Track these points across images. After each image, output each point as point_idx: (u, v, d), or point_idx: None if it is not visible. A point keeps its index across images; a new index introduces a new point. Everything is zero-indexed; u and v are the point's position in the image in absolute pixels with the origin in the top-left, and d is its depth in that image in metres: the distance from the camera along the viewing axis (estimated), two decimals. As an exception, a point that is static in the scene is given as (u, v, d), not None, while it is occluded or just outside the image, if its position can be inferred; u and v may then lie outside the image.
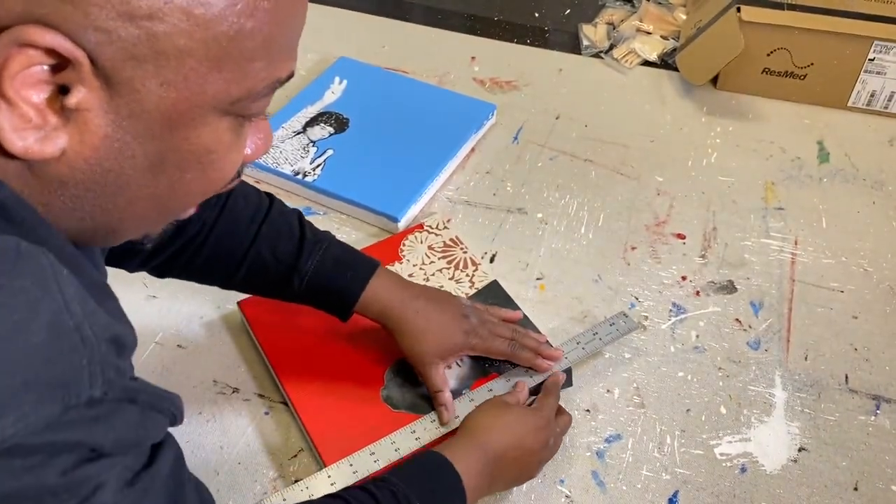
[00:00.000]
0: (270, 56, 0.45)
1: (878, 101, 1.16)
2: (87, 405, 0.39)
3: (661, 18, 1.32)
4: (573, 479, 0.76)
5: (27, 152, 0.40)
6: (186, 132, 0.44)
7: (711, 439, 0.79)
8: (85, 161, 0.42)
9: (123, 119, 0.42)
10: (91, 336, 0.39)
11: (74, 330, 0.39)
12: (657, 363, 0.85)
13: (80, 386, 0.39)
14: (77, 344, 0.39)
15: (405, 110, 1.12)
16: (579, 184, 1.06)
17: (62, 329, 0.38)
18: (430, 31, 1.34)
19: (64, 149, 0.41)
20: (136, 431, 0.44)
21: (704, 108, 1.18)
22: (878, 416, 0.81)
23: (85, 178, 0.43)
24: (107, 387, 0.40)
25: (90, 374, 0.39)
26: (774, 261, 0.96)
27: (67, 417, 0.38)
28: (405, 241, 0.95)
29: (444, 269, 0.92)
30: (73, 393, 0.38)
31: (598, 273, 0.94)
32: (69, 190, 0.44)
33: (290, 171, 1.03)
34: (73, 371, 0.38)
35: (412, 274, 0.91)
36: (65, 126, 0.41)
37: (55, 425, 0.38)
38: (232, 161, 0.49)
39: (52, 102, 0.40)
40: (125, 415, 0.42)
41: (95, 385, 0.39)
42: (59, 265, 0.40)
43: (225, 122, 0.46)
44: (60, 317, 0.38)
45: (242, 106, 0.46)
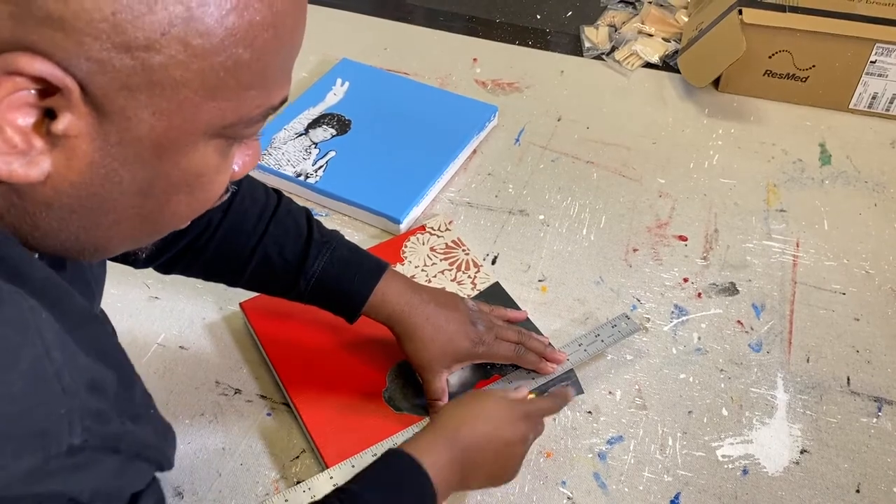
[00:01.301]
0: (266, 84, 0.44)
1: (880, 104, 1.16)
2: (68, 454, 0.38)
3: (662, 20, 1.32)
4: (575, 481, 0.76)
5: (11, 176, 0.39)
6: (176, 158, 0.43)
7: (713, 441, 0.79)
8: (70, 185, 0.41)
9: (112, 146, 0.41)
10: (70, 383, 0.38)
11: (54, 377, 0.38)
12: (659, 365, 0.85)
13: (60, 435, 0.38)
14: (57, 392, 0.38)
15: (407, 112, 1.12)
16: (581, 185, 1.06)
17: (41, 377, 0.37)
18: (432, 32, 1.34)
19: (49, 173, 0.40)
20: (117, 481, 0.43)
21: (706, 110, 1.18)
22: (879, 418, 0.81)
23: (70, 202, 0.42)
24: (87, 434, 0.39)
25: (69, 422, 0.38)
26: (776, 263, 0.96)
27: (48, 467, 0.37)
28: (407, 242, 0.95)
29: (445, 271, 0.92)
30: (52, 442, 0.37)
31: (599, 275, 0.95)
32: (54, 212, 0.43)
33: (293, 173, 1.03)
34: (53, 420, 0.37)
35: (414, 276, 0.91)
36: (50, 151, 0.40)
37: (34, 475, 0.37)
38: (220, 182, 0.48)
39: (38, 127, 0.39)
40: (106, 464, 0.41)
41: (75, 433, 0.38)
42: (38, 309, 0.39)
43: (213, 146, 0.45)
44: (40, 364, 0.37)
45: (234, 131, 0.45)
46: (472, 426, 0.67)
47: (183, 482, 0.75)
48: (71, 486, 0.39)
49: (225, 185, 0.49)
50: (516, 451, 0.69)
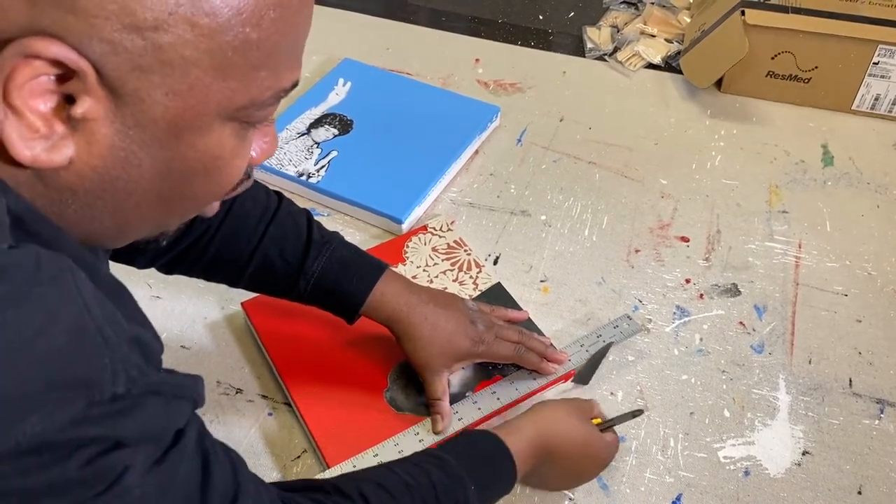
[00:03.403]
0: (275, 65, 0.45)
1: (883, 105, 1.16)
2: (111, 401, 0.39)
3: (665, 21, 1.32)
4: (576, 482, 0.76)
5: (35, 161, 0.41)
6: (192, 140, 0.44)
7: (715, 442, 0.79)
8: (92, 169, 0.43)
9: (129, 128, 0.42)
10: (112, 336, 0.40)
11: (96, 331, 0.39)
12: (661, 366, 0.85)
13: (103, 384, 0.39)
14: (99, 344, 0.39)
15: (409, 112, 1.12)
16: (583, 186, 1.06)
17: (84, 331, 0.39)
18: (435, 33, 1.34)
19: (71, 158, 0.42)
20: (161, 421, 0.44)
21: (708, 111, 1.18)
22: (881, 419, 0.81)
23: (93, 186, 0.44)
24: (130, 384, 0.40)
25: (113, 371, 0.39)
26: (778, 264, 0.96)
27: (91, 413, 0.39)
28: (409, 242, 0.95)
29: (447, 271, 0.92)
30: (96, 391, 0.39)
31: (601, 275, 0.94)
32: (79, 198, 0.44)
33: (294, 173, 1.03)
34: (96, 370, 0.39)
35: (416, 276, 0.91)
36: (72, 135, 0.41)
37: (79, 422, 0.38)
38: (237, 166, 0.49)
39: (58, 112, 0.41)
40: (149, 407, 0.42)
41: (118, 382, 0.40)
42: (77, 270, 0.40)
43: (229, 129, 0.46)
44: (81, 320, 0.39)
45: (247, 114, 0.46)
46: (564, 427, 0.71)
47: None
48: (116, 430, 0.40)
49: (242, 170, 0.50)
50: (592, 466, 0.73)
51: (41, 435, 0.37)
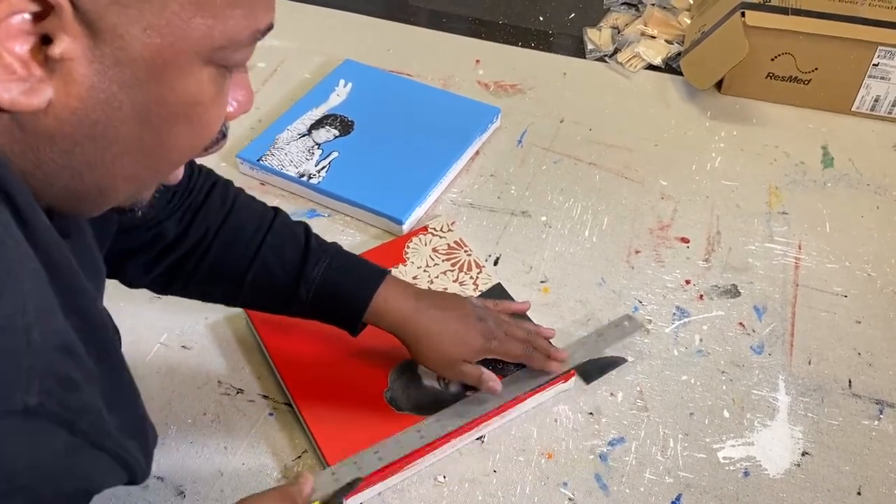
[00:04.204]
0: (251, 4, 0.45)
1: (883, 106, 1.16)
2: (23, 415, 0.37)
3: (665, 22, 1.32)
4: (576, 483, 0.76)
5: (14, 104, 0.40)
6: (172, 82, 0.44)
7: (714, 443, 0.79)
8: (72, 112, 0.42)
9: (108, 68, 0.41)
10: (38, 340, 0.38)
11: (23, 331, 0.37)
12: (660, 367, 0.85)
13: (16, 391, 0.36)
14: (22, 346, 0.37)
15: (410, 113, 1.12)
16: (583, 187, 1.06)
17: (11, 328, 0.37)
18: (435, 34, 1.34)
19: (50, 100, 0.41)
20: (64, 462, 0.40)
21: (708, 113, 1.18)
22: (881, 420, 0.81)
23: (73, 131, 0.43)
24: (44, 398, 0.37)
25: (28, 379, 0.37)
26: (778, 265, 0.96)
27: None
28: (409, 243, 0.95)
29: (448, 272, 0.92)
30: (6, 398, 0.36)
31: (601, 276, 0.95)
32: (58, 144, 0.43)
33: (295, 174, 1.03)
34: (12, 374, 0.37)
35: (416, 276, 0.91)
36: (50, 77, 0.40)
37: None
38: (216, 115, 0.48)
39: (35, 54, 0.40)
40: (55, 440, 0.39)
41: (31, 392, 0.37)
42: (28, 258, 0.39)
43: (207, 73, 0.45)
44: (14, 317, 0.37)
45: (225, 55, 0.45)
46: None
47: (185, 481, 0.76)
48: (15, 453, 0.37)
49: (221, 121, 0.49)
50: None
51: None
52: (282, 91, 1.20)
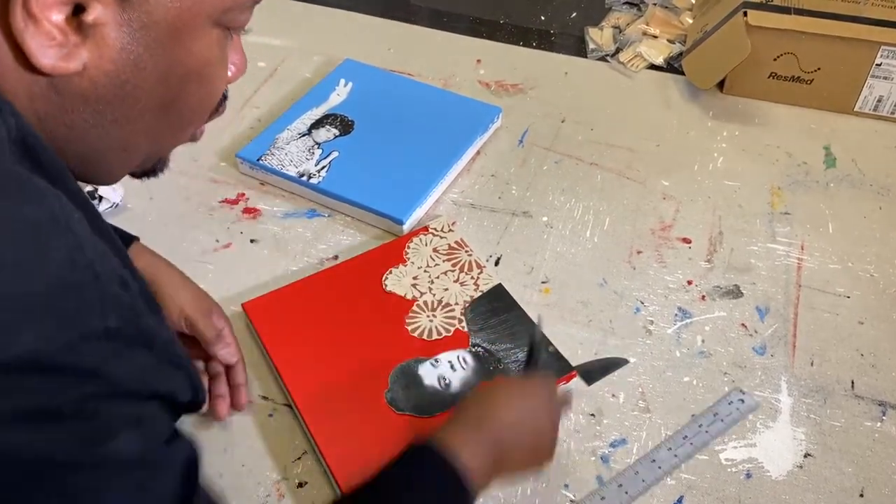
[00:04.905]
0: None
1: (886, 107, 1.16)
2: (104, 337, 0.40)
3: (667, 22, 1.32)
4: (577, 484, 0.76)
5: (54, 69, 0.44)
6: (188, 43, 0.49)
7: (716, 444, 0.79)
8: (104, 74, 0.47)
9: (136, 31, 0.46)
10: (103, 273, 0.41)
11: (87, 266, 0.41)
12: (662, 368, 0.85)
13: (94, 316, 0.40)
14: (90, 279, 0.40)
15: (410, 113, 1.12)
16: (584, 187, 1.06)
17: (76, 264, 0.40)
18: (436, 33, 1.33)
19: (85, 64, 0.45)
20: (153, 378, 0.44)
21: (710, 113, 1.18)
22: (884, 422, 0.81)
23: (105, 92, 0.47)
24: (121, 321, 0.41)
25: (103, 306, 0.41)
26: (780, 266, 0.96)
27: (84, 345, 0.39)
28: (410, 243, 0.95)
29: (448, 272, 0.92)
30: (87, 322, 0.39)
31: (603, 277, 0.94)
32: (91, 105, 0.48)
33: (295, 173, 1.03)
34: (88, 302, 0.40)
35: (417, 276, 0.91)
36: (84, 42, 0.45)
37: (72, 347, 0.39)
38: (222, 75, 0.54)
39: (70, 21, 0.44)
40: (140, 358, 0.43)
41: (109, 317, 0.41)
42: (73, 210, 0.42)
43: (215, 35, 0.51)
44: (74, 253, 0.40)
45: (231, 17, 0.51)
46: (503, 412, 0.64)
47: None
48: (108, 367, 0.40)
49: (225, 82, 0.55)
50: (550, 431, 0.68)
51: (35, 353, 0.37)
52: (282, 90, 1.20)
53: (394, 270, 0.92)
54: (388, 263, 0.92)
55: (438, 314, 0.87)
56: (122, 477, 0.41)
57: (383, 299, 0.89)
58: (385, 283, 0.90)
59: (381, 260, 0.93)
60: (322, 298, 0.88)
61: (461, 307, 0.88)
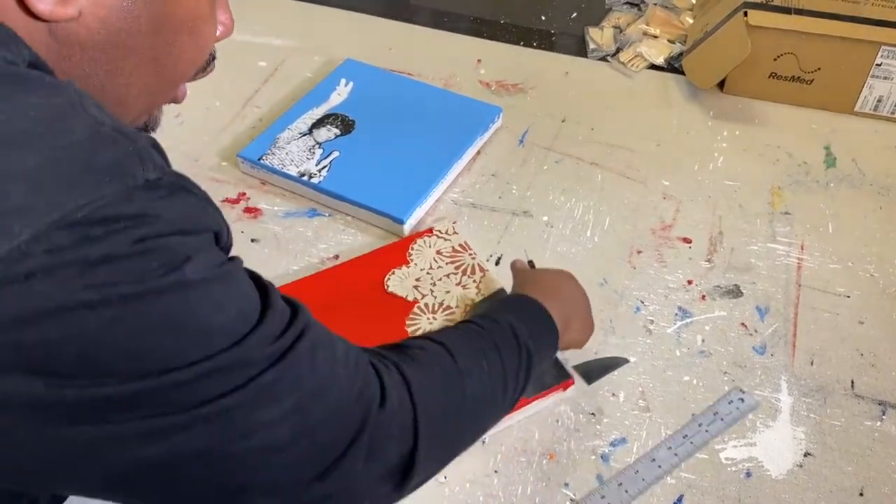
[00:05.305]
0: None
1: (886, 107, 1.16)
2: (147, 188, 0.42)
3: (667, 22, 1.32)
4: (578, 483, 0.76)
5: (52, 14, 0.46)
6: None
7: (716, 444, 0.79)
8: (100, 21, 0.48)
9: None
10: (131, 133, 0.44)
11: (112, 130, 0.43)
12: (662, 367, 0.85)
13: (134, 168, 0.42)
14: (119, 137, 0.43)
15: (411, 112, 1.12)
16: (585, 187, 1.06)
17: (101, 131, 0.43)
18: (437, 33, 1.34)
19: (81, 10, 0.47)
20: (202, 215, 0.46)
21: (711, 113, 1.18)
22: (884, 421, 0.81)
23: (100, 39, 0.49)
24: (160, 172, 0.43)
25: (140, 159, 0.42)
26: (781, 265, 0.96)
27: (132, 195, 0.41)
28: (414, 245, 0.95)
29: (451, 275, 0.92)
30: (129, 175, 0.41)
31: (603, 277, 0.94)
32: (87, 52, 0.49)
33: (296, 173, 1.03)
34: (124, 157, 0.42)
35: (419, 278, 0.91)
36: None
37: (122, 198, 0.41)
38: (211, 31, 0.56)
39: None
40: (185, 199, 0.44)
41: (148, 168, 0.42)
42: (87, 94, 0.45)
43: None
44: (96, 126, 0.43)
45: None
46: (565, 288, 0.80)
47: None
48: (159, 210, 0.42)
49: (214, 38, 0.57)
50: (589, 309, 0.81)
51: (88, 207, 0.39)
52: (283, 90, 1.20)
53: (396, 271, 0.92)
54: (391, 264, 0.92)
55: (439, 316, 0.88)
56: (205, 294, 0.43)
57: (384, 300, 0.89)
58: (387, 283, 0.91)
59: (385, 261, 0.93)
60: (323, 297, 0.88)
61: (462, 310, 0.88)
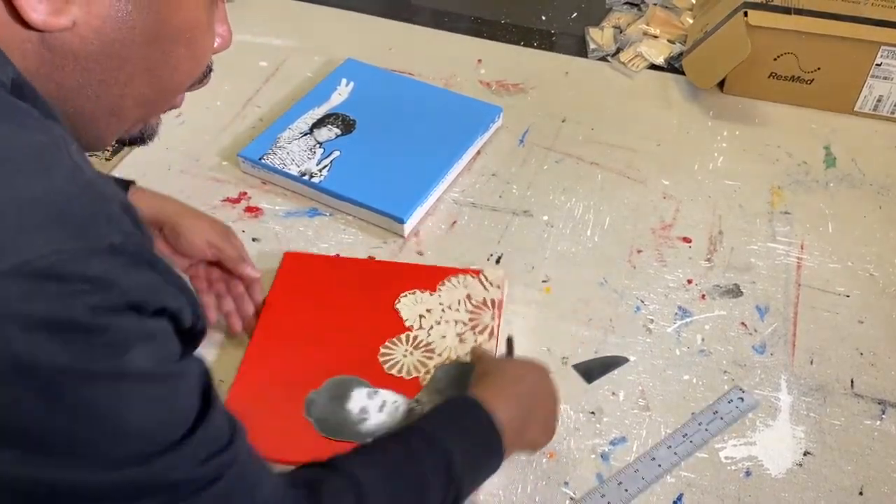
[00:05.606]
0: None
1: (885, 107, 1.16)
2: (111, 252, 0.41)
3: (667, 22, 1.32)
4: (578, 482, 0.76)
5: (45, 24, 0.45)
6: (175, 6, 0.50)
7: (716, 443, 0.79)
8: (94, 31, 0.47)
9: None
10: (106, 193, 0.43)
11: (89, 184, 0.42)
12: (662, 366, 0.85)
13: (101, 229, 0.41)
14: (93, 194, 0.42)
15: (412, 112, 1.12)
16: (585, 187, 1.06)
17: (78, 180, 0.42)
18: (437, 33, 1.34)
19: (75, 20, 0.46)
20: (160, 294, 0.44)
21: (711, 112, 1.18)
22: (883, 420, 0.81)
23: (94, 49, 0.48)
24: (124, 237, 0.42)
25: (108, 220, 0.42)
26: (780, 265, 0.96)
27: (94, 258, 0.40)
28: (453, 278, 0.90)
29: (460, 323, 0.86)
30: (95, 235, 0.41)
31: (603, 276, 0.95)
32: (80, 62, 0.48)
33: (297, 172, 1.03)
34: (93, 217, 0.41)
35: (430, 309, 0.88)
36: None
37: (82, 257, 0.40)
38: (209, 42, 0.55)
39: None
40: (145, 273, 0.44)
41: (114, 232, 0.42)
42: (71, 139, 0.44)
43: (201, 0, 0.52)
44: (76, 172, 0.42)
45: None
46: (526, 385, 0.72)
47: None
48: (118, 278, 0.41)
49: (211, 49, 0.56)
50: (555, 410, 0.75)
51: (47, 259, 0.38)
52: (284, 90, 1.20)
53: (417, 293, 0.89)
54: (417, 285, 0.89)
55: (417, 354, 0.84)
56: (139, 390, 0.42)
57: (386, 313, 0.87)
58: (400, 299, 0.88)
59: (415, 278, 0.90)
60: (344, 283, 0.89)
61: (442, 359, 0.83)
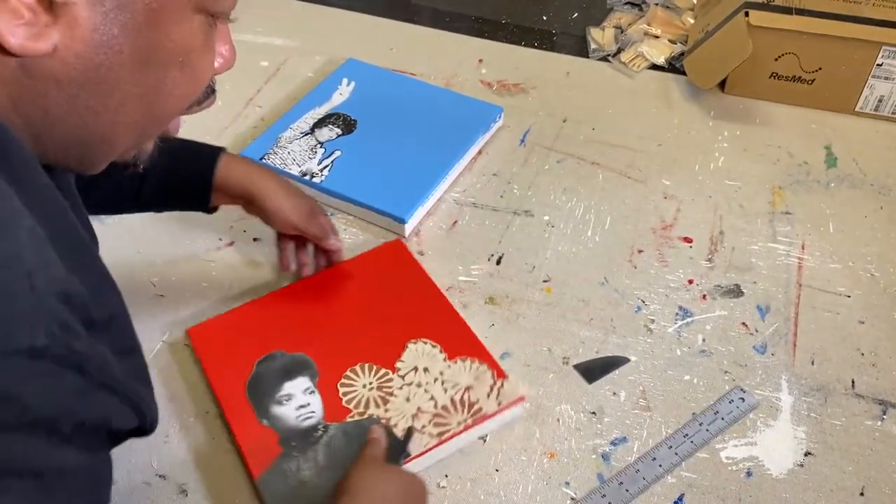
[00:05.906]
0: None
1: (886, 107, 1.16)
2: (27, 356, 0.37)
3: (668, 22, 1.32)
4: (578, 482, 0.76)
5: (23, 49, 0.42)
6: (167, 27, 0.47)
7: (717, 443, 0.79)
8: (77, 56, 0.44)
9: (109, 11, 0.44)
10: (40, 286, 0.38)
11: (23, 276, 0.38)
12: (663, 366, 0.85)
13: (20, 331, 0.37)
14: (24, 290, 0.38)
15: (413, 112, 1.12)
16: (586, 187, 1.06)
17: (12, 271, 0.38)
18: (438, 33, 1.34)
19: (56, 45, 0.43)
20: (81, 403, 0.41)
21: (712, 112, 1.18)
22: (884, 421, 0.81)
23: (78, 75, 0.45)
24: (50, 339, 0.38)
25: (33, 322, 0.38)
26: (781, 265, 0.96)
27: (6, 363, 0.36)
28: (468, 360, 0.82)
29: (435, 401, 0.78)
30: (13, 336, 0.37)
31: (604, 276, 0.95)
32: (64, 88, 0.45)
33: (298, 172, 1.03)
34: (16, 315, 0.37)
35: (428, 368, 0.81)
36: (55, 22, 0.43)
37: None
38: (207, 64, 0.52)
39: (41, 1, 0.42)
40: (68, 380, 0.39)
41: (37, 335, 0.37)
42: (23, 212, 0.40)
43: (197, 21, 0.49)
44: (11, 261, 0.38)
45: (212, 3, 0.49)
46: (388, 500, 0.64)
47: (188, 480, 0.76)
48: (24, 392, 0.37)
49: (211, 71, 0.53)
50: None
51: None
52: (285, 90, 1.20)
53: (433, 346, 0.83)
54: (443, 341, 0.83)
55: (374, 393, 0.79)
56: None
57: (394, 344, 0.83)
58: (411, 342, 0.83)
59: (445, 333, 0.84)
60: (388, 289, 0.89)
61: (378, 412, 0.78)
